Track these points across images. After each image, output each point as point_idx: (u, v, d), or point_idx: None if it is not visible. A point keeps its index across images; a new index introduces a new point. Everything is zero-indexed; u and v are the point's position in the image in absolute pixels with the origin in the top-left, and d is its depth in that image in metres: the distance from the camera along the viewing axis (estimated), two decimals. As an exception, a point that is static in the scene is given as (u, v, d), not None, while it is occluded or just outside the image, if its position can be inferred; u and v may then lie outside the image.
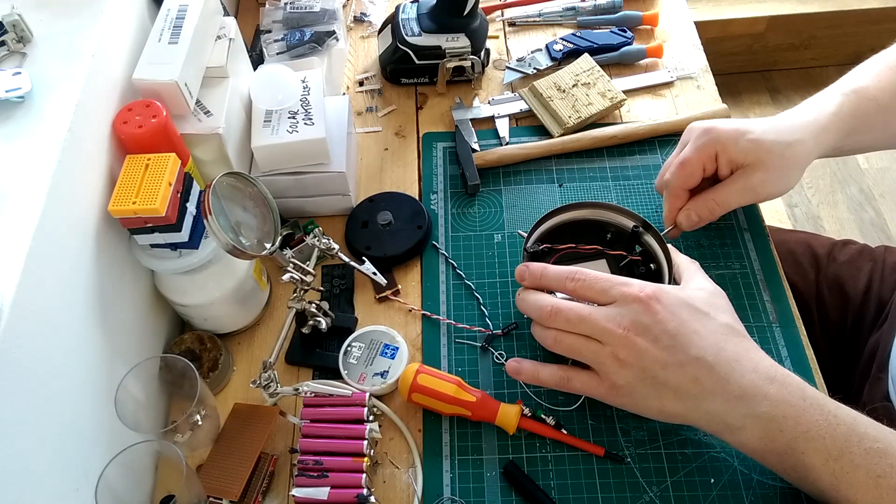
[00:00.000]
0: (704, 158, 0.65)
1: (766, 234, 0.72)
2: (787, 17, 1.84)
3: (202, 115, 0.65)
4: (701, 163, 0.65)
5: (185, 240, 0.58)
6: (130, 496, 0.56)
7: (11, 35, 0.57)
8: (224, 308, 0.65)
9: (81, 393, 0.53)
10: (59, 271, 0.51)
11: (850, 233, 1.72)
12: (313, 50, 0.79)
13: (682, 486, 0.58)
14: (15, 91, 0.54)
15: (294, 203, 0.74)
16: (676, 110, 0.83)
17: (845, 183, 1.81)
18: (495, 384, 0.64)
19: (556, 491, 0.59)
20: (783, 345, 0.65)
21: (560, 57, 0.86)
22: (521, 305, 0.59)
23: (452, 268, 0.71)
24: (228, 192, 0.57)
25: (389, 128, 0.84)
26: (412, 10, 0.84)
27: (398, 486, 0.60)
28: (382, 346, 0.65)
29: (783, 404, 0.50)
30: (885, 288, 0.80)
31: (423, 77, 0.86)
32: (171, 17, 0.64)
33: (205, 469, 0.58)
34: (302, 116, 0.69)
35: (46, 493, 0.48)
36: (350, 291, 0.71)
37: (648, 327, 0.52)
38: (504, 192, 0.77)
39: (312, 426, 0.58)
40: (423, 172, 0.79)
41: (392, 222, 0.73)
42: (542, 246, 0.64)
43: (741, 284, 0.69)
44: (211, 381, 0.64)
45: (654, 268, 0.63)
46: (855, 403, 0.51)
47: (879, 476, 0.48)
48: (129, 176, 0.55)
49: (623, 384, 0.53)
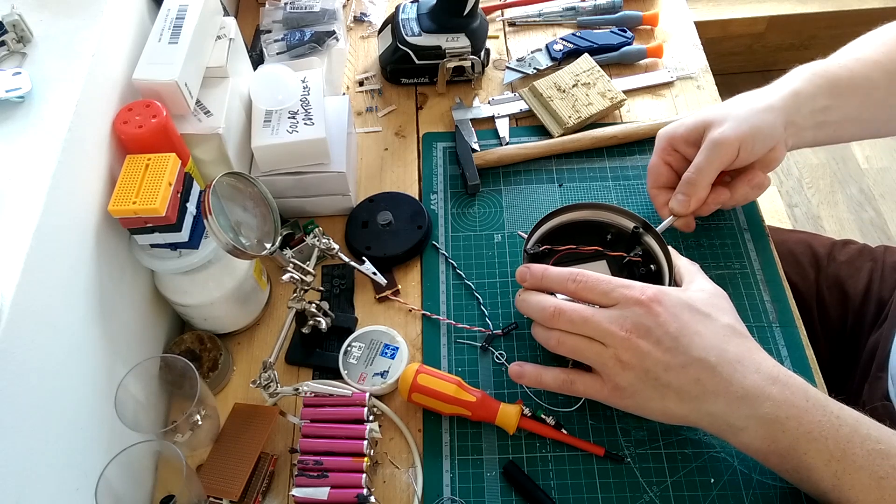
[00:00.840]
0: (662, 155, 0.68)
1: (766, 234, 0.72)
2: (787, 17, 1.84)
3: (202, 115, 0.65)
4: (661, 160, 0.68)
5: (185, 240, 0.58)
6: (130, 496, 0.56)
7: (11, 35, 0.57)
8: (224, 308, 0.65)
9: (81, 393, 0.53)
10: (59, 271, 0.51)
11: (850, 233, 1.72)
12: (313, 50, 0.79)
13: (682, 486, 0.58)
14: (15, 91, 0.54)
15: (294, 203, 0.74)
16: (676, 110, 0.83)
17: (845, 183, 1.81)
18: (495, 384, 0.64)
19: (556, 491, 0.59)
20: (783, 345, 0.65)
21: (560, 57, 0.86)
22: (522, 307, 0.59)
23: (452, 268, 0.71)
24: (228, 192, 0.57)
25: (389, 128, 0.84)
26: (412, 10, 0.84)
27: (398, 486, 0.60)
28: (382, 346, 0.65)
29: (786, 405, 0.50)
30: (885, 287, 0.80)
31: (423, 77, 0.86)
32: (171, 17, 0.64)
33: (205, 469, 0.58)
34: (302, 116, 0.69)
35: (46, 493, 0.48)
36: (350, 291, 0.71)
37: (650, 329, 0.52)
38: (504, 192, 0.77)
39: (312, 426, 0.58)
40: (423, 172, 0.79)
41: (392, 222, 0.73)
42: (543, 247, 0.64)
43: (741, 284, 0.69)
44: (211, 381, 0.64)
45: (655, 269, 0.63)
46: (855, 403, 0.51)
47: (882, 477, 0.48)
48: (129, 176, 0.56)
49: (626, 386, 0.53)
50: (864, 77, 0.66)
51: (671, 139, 0.67)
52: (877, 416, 0.51)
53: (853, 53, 0.68)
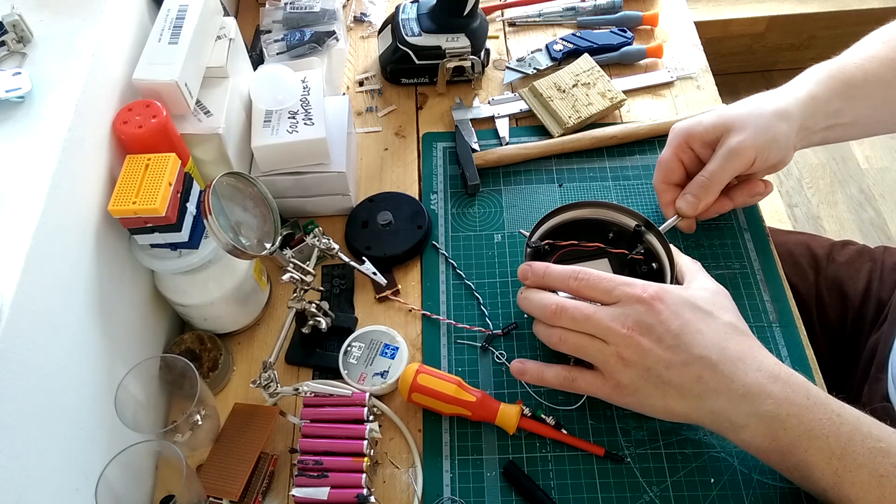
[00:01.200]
0: (677, 150, 0.67)
1: (766, 235, 0.72)
2: (787, 17, 1.84)
3: (202, 115, 0.65)
4: (675, 156, 0.67)
5: (185, 240, 0.58)
6: (130, 496, 0.56)
7: (11, 35, 0.57)
8: (224, 308, 0.65)
9: (81, 393, 0.53)
10: (59, 271, 0.51)
11: (849, 233, 1.72)
12: (313, 50, 0.79)
13: (682, 486, 0.58)
14: (15, 91, 0.54)
15: (294, 203, 0.74)
16: (676, 110, 0.83)
17: (845, 183, 1.81)
18: (495, 384, 0.64)
19: (556, 491, 0.59)
20: (783, 345, 0.65)
21: (560, 57, 0.86)
22: (524, 304, 0.59)
23: (452, 268, 0.71)
24: (228, 192, 0.57)
25: (389, 128, 0.84)
26: (412, 10, 0.84)
27: (398, 486, 0.60)
28: (382, 346, 0.65)
29: (787, 403, 0.50)
30: (884, 288, 0.80)
31: (423, 77, 0.86)
32: (171, 18, 0.64)
33: (205, 469, 0.58)
34: (302, 116, 0.69)
35: (46, 493, 0.48)
36: (350, 291, 0.71)
37: (652, 327, 0.52)
38: (504, 192, 0.77)
39: (312, 426, 0.58)
40: (423, 172, 0.79)
41: (392, 222, 0.73)
42: (545, 242, 0.64)
43: (741, 284, 0.69)
44: (211, 381, 0.64)
45: (657, 267, 0.63)
46: (855, 404, 0.52)
47: (882, 476, 0.48)
48: (129, 176, 0.56)
49: (628, 383, 0.54)
50: (878, 77, 0.66)
51: (688, 136, 0.67)
52: (877, 417, 0.51)
53: (866, 51, 0.67)
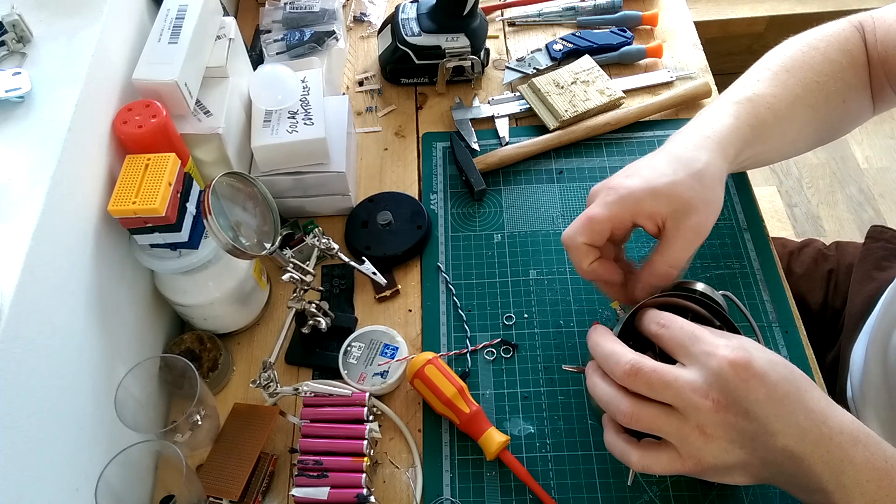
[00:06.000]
0: (615, 220, 0.56)
1: (766, 235, 0.72)
2: (787, 17, 1.84)
3: (202, 115, 0.65)
4: (611, 223, 0.56)
5: (185, 240, 0.58)
6: (130, 496, 0.56)
7: (11, 35, 0.57)
8: (224, 308, 0.65)
9: (81, 393, 0.53)
10: (58, 271, 0.51)
11: (849, 233, 1.72)
12: (313, 50, 0.79)
13: (682, 486, 0.58)
14: (15, 91, 0.54)
15: (294, 203, 0.74)
16: (676, 111, 0.83)
17: (845, 183, 1.82)
18: (495, 383, 0.64)
19: (555, 491, 0.59)
20: (783, 345, 0.65)
21: (560, 57, 0.86)
22: (593, 349, 0.52)
23: (451, 294, 0.71)
24: (228, 192, 0.57)
25: (389, 128, 0.84)
26: (412, 10, 0.84)
27: (398, 486, 0.60)
28: (382, 346, 0.65)
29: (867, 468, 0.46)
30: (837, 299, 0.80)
31: (423, 77, 0.86)
32: (171, 17, 0.64)
33: (205, 469, 0.58)
34: (302, 116, 0.69)
35: (46, 493, 0.48)
36: (350, 291, 0.71)
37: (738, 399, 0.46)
38: (504, 192, 0.77)
39: (312, 426, 0.58)
40: (423, 172, 0.79)
41: (392, 222, 0.73)
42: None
43: (741, 284, 0.69)
44: (211, 381, 0.64)
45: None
46: None
47: None
48: (129, 176, 0.56)
49: (710, 459, 0.48)
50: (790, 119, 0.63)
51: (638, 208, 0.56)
52: None
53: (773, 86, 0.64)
